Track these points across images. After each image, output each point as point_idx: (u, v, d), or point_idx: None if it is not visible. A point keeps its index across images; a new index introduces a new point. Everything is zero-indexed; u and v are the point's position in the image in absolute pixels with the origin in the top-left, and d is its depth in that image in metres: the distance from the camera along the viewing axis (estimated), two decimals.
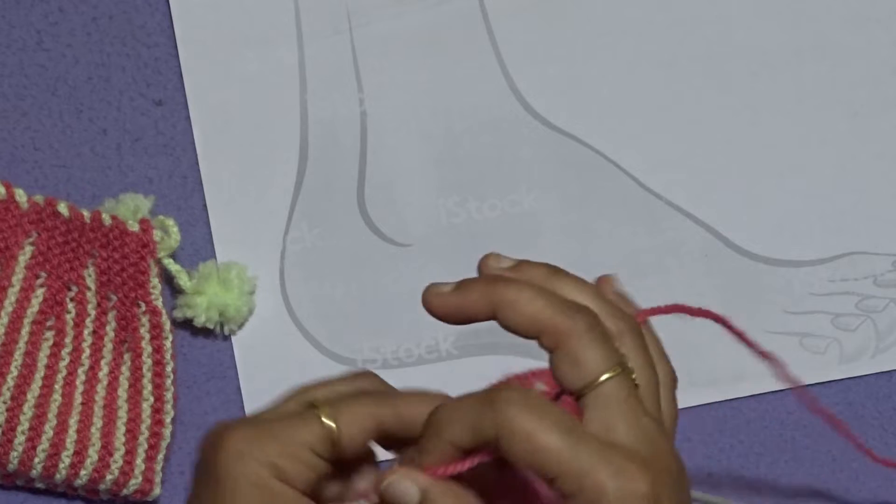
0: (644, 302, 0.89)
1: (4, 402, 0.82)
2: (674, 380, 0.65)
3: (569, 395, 0.60)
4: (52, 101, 0.91)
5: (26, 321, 0.84)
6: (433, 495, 0.60)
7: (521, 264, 0.64)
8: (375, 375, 0.66)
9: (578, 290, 0.63)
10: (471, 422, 0.59)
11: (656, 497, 0.58)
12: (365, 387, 0.64)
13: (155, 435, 0.84)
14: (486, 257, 0.65)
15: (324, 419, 0.61)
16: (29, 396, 0.82)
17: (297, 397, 0.64)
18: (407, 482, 0.60)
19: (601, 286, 0.66)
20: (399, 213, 0.90)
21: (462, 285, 0.63)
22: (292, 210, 0.90)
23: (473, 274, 0.89)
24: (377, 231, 0.90)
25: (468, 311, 0.62)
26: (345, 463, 0.63)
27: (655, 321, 0.86)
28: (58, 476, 0.82)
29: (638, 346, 0.63)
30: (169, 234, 0.85)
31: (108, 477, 0.82)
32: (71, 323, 0.85)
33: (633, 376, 0.61)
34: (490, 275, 0.64)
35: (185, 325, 0.87)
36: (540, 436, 0.57)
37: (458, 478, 0.61)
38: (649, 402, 0.61)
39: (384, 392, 0.64)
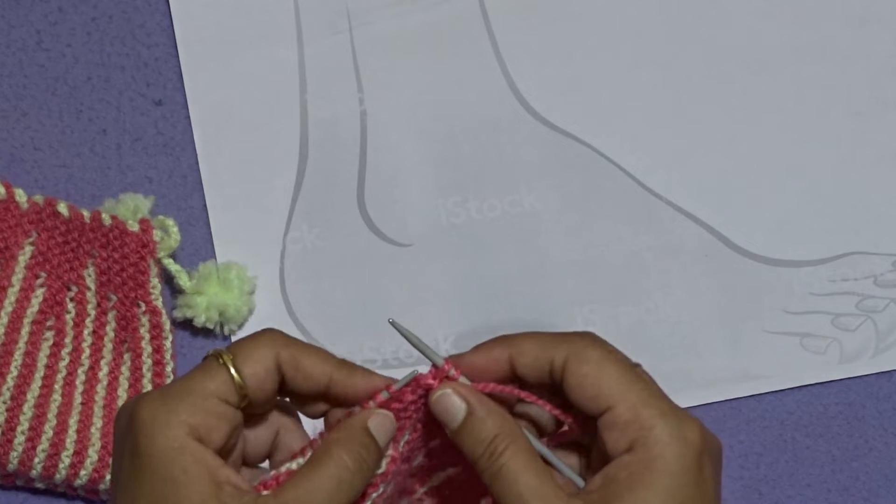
0: (644, 301, 0.89)
1: (4, 402, 0.82)
2: None
3: None
4: (52, 101, 0.91)
5: (26, 321, 0.84)
6: (477, 410, 0.63)
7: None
8: (276, 330, 0.66)
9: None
10: (544, 345, 0.63)
11: (702, 448, 0.61)
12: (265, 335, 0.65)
13: None
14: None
15: (226, 365, 0.62)
16: (29, 396, 0.82)
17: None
18: (455, 398, 0.63)
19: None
20: (399, 213, 0.90)
21: (477, 349, 0.66)
22: (292, 210, 0.90)
23: (473, 273, 0.89)
24: (377, 231, 0.90)
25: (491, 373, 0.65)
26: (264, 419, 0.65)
27: (657, 317, 0.87)
28: (58, 476, 0.82)
29: None
30: (169, 234, 0.85)
31: (108, 477, 0.82)
32: (71, 323, 0.84)
33: None
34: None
35: (185, 325, 0.87)
36: (609, 364, 0.62)
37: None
38: None
39: (284, 337, 0.64)
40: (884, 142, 0.92)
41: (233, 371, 0.62)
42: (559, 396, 0.64)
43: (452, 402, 0.63)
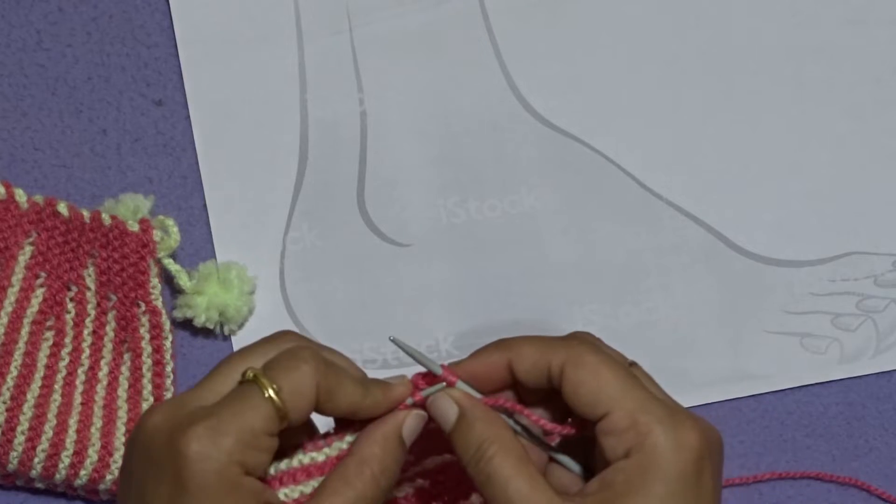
0: (644, 301, 0.89)
1: (4, 402, 0.82)
2: None
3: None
4: (52, 101, 0.91)
5: (26, 321, 0.84)
6: (468, 414, 0.63)
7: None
8: (295, 333, 0.66)
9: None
10: (542, 349, 0.63)
11: (701, 452, 0.60)
12: (292, 348, 0.65)
13: None
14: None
15: (270, 396, 0.62)
16: (29, 396, 0.82)
17: (229, 372, 0.64)
18: (447, 401, 0.64)
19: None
20: (399, 213, 0.90)
21: (475, 355, 0.66)
22: (292, 210, 0.90)
23: (473, 273, 0.89)
24: (377, 231, 0.90)
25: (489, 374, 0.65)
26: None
27: (657, 317, 0.86)
28: (58, 476, 0.82)
29: None
30: (169, 234, 0.85)
31: (108, 477, 0.82)
32: (71, 323, 0.85)
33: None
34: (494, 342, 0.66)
35: (185, 325, 0.87)
36: (605, 370, 0.61)
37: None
38: None
39: (320, 359, 0.64)
40: (884, 142, 0.92)
41: (278, 402, 0.61)
42: (560, 399, 0.64)
43: (445, 405, 0.63)
